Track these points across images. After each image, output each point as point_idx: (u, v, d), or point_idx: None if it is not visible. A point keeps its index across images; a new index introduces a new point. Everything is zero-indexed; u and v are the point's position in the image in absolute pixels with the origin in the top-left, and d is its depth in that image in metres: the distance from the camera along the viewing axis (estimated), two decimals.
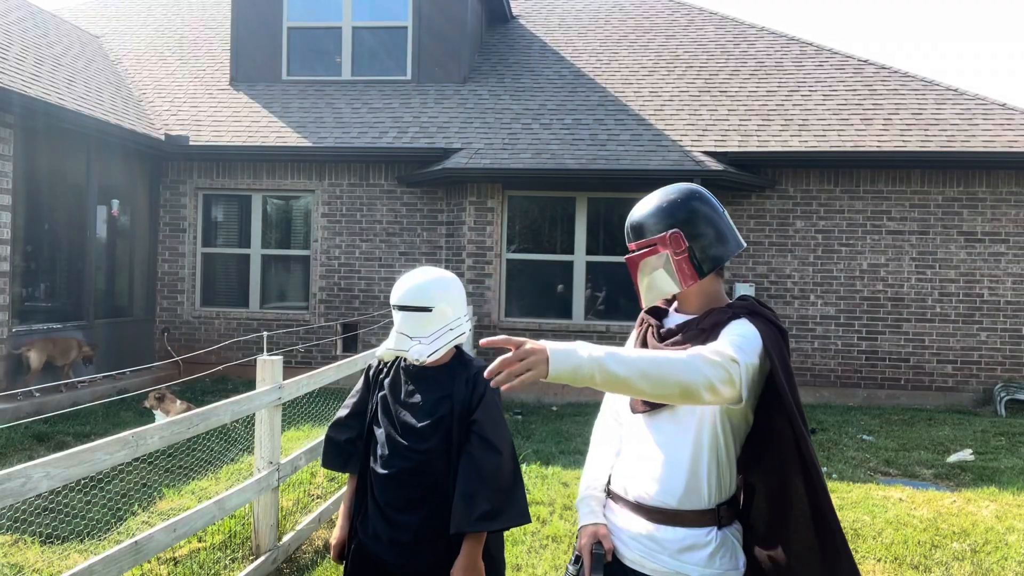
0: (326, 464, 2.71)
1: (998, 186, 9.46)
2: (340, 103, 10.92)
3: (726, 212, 2.07)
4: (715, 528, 1.93)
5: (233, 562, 4.27)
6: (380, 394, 2.60)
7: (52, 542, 4.49)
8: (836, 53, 11.46)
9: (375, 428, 2.58)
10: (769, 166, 9.71)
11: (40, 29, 11.05)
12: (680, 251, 1.98)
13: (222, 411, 3.58)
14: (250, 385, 5.10)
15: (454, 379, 2.51)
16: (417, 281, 2.49)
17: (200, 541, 4.49)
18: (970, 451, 6.94)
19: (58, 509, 4.83)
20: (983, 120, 9.72)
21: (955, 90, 10.38)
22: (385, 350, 2.50)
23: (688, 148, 9.50)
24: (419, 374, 2.55)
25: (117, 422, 7.44)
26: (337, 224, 10.35)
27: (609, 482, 2.13)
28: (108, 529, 4.71)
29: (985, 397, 9.35)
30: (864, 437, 7.58)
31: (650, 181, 9.34)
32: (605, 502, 2.11)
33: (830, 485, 5.84)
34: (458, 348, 2.61)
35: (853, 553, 4.51)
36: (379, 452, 2.53)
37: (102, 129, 8.82)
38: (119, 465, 4.88)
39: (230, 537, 4.52)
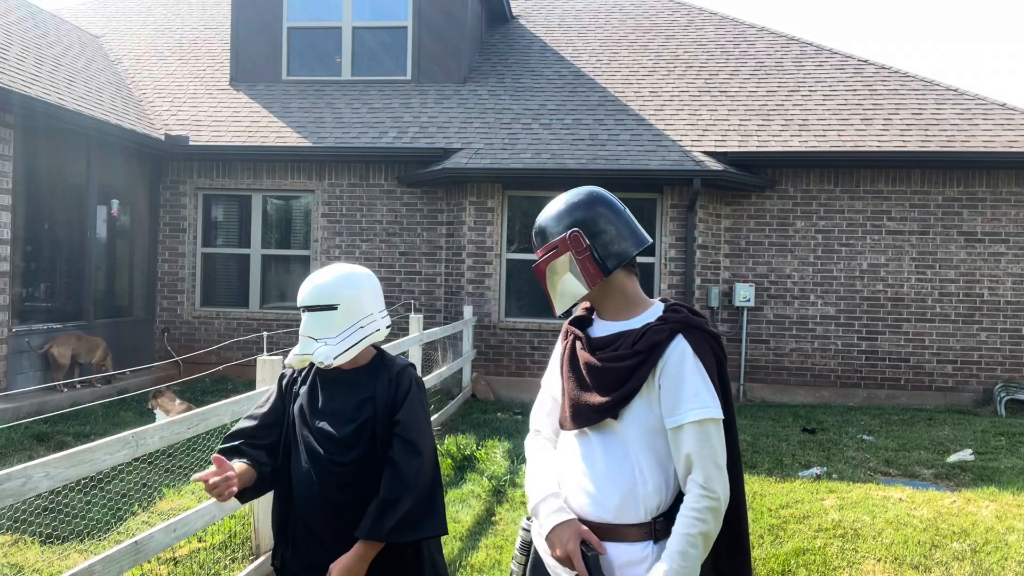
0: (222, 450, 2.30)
1: (998, 186, 9.46)
2: (340, 103, 10.92)
3: (628, 211, 2.06)
4: (651, 542, 1.89)
5: (233, 562, 4.27)
6: (295, 405, 2.35)
7: (52, 542, 4.49)
8: (836, 53, 11.46)
9: (293, 444, 2.32)
10: (769, 166, 9.71)
11: (40, 29, 11.05)
12: (581, 250, 1.96)
13: (222, 411, 3.58)
14: (250, 385, 5.10)
15: (376, 380, 2.31)
16: (321, 279, 2.31)
17: (200, 541, 4.49)
18: (970, 451, 6.94)
19: (58, 509, 4.83)
20: (983, 120, 9.72)
21: (955, 90, 10.38)
22: (292, 356, 2.30)
23: (688, 148, 9.50)
24: (337, 379, 2.33)
25: (117, 422, 7.44)
26: (337, 224, 10.35)
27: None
28: (108, 529, 4.71)
29: (985, 397, 9.35)
30: (864, 437, 7.58)
31: (650, 181, 9.35)
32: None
33: (830, 485, 5.85)
34: (379, 349, 2.43)
35: (853, 553, 4.51)
36: (302, 469, 2.27)
37: (102, 129, 8.82)
38: (119, 465, 4.88)
39: (230, 537, 4.52)
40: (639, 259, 10.32)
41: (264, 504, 4.19)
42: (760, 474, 6.19)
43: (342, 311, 2.28)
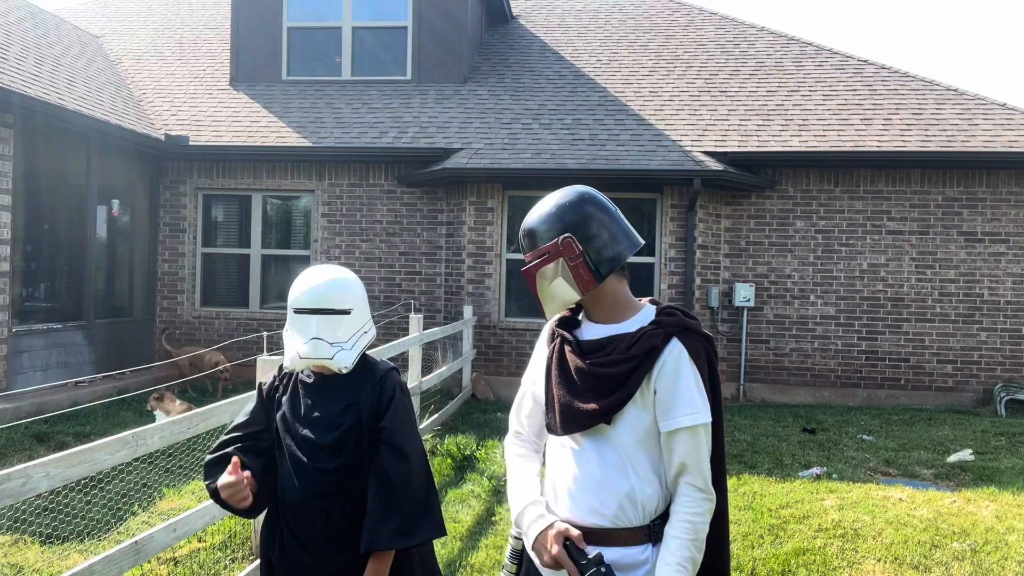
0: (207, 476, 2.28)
1: (998, 186, 9.46)
2: (340, 103, 10.92)
3: (619, 212, 1.99)
4: (650, 545, 1.87)
5: (233, 562, 4.27)
6: (279, 414, 2.30)
7: (52, 542, 4.49)
8: (836, 53, 11.46)
9: (278, 453, 2.28)
10: (769, 166, 9.71)
11: (40, 29, 11.05)
12: (574, 256, 1.90)
13: (222, 411, 3.58)
14: (250, 385, 5.10)
15: (360, 386, 2.27)
16: (330, 280, 2.26)
17: (200, 541, 4.49)
18: (970, 451, 6.94)
19: (58, 509, 4.83)
20: (983, 120, 9.72)
21: (955, 90, 10.38)
22: (297, 358, 2.22)
23: (688, 148, 9.50)
24: (320, 385, 2.29)
25: (117, 422, 7.44)
26: (337, 224, 10.35)
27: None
28: (108, 529, 4.71)
29: (985, 397, 9.35)
30: (864, 437, 7.58)
31: (650, 181, 9.35)
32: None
33: (830, 485, 5.85)
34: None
35: (853, 553, 4.51)
36: (287, 478, 2.24)
37: (102, 129, 8.82)
38: (119, 465, 4.88)
39: (230, 537, 4.52)
40: (638, 259, 10.25)
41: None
42: (760, 474, 6.19)
43: (354, 316, 2.26)
